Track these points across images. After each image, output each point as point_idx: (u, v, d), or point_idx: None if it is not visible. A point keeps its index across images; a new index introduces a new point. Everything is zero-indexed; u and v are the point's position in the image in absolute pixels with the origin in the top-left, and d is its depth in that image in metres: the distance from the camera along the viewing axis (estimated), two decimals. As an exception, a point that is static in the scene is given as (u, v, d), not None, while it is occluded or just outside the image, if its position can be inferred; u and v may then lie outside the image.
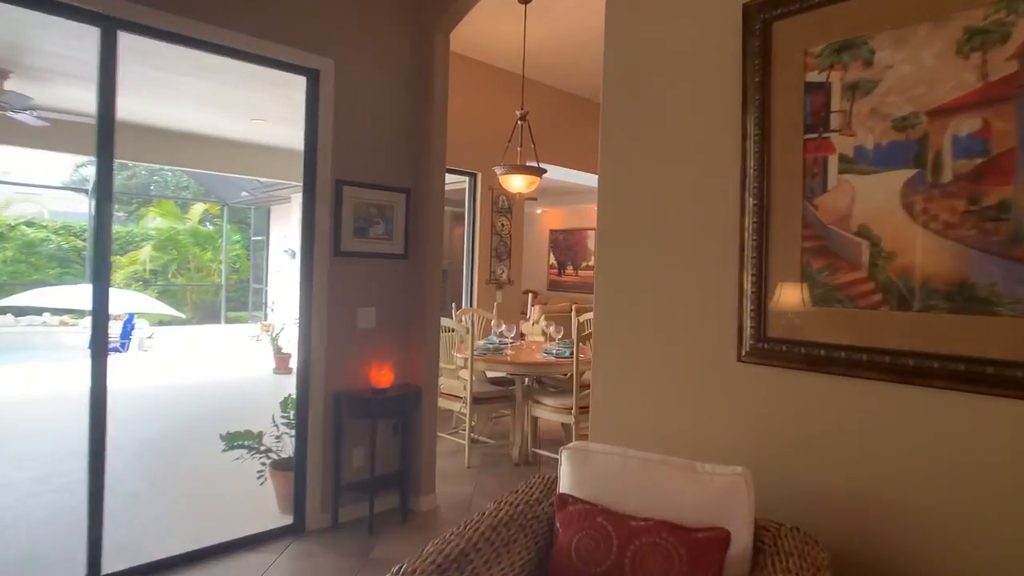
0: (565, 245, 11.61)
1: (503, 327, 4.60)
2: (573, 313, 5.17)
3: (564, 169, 6.87)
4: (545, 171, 4.79)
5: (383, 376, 3.08)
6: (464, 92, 5.59)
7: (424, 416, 3.25)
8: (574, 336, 4.60)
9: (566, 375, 4.21)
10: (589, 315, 5.24)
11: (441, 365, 4.09)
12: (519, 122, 4.92)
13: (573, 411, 3.81)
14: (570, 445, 1.58)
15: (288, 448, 3.17)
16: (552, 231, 11.88)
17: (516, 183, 4.77)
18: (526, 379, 4.21)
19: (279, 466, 3.13)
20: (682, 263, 1.81)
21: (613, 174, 2.08)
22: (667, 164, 1.86)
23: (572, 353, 4.13)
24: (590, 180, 7.67)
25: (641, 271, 1.92)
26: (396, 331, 3.28)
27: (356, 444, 3.10)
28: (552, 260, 11.82)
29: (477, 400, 4.10)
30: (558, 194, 10.91)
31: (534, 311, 8.36)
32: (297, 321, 3.10)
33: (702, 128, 1.77)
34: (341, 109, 3.01)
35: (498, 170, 4.81)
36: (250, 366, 8.00)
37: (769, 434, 1.60)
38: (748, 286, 1.62)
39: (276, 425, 3.38)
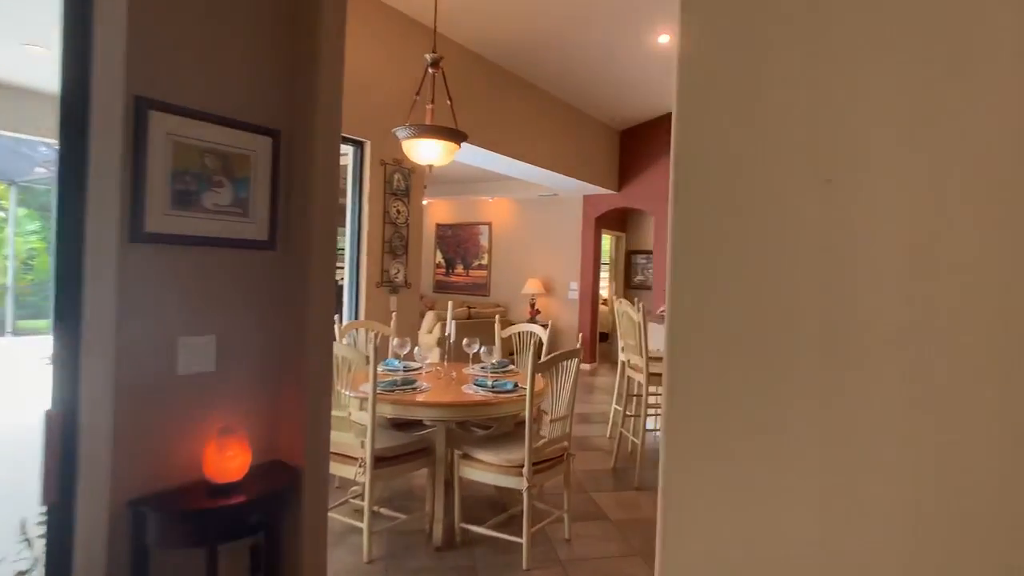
0: (454, 241, 10.41)
1: (405, 346, 3.34)
2: (497, 326, 4.02)
3: (475, 150, 5.68)
4: (466, 136, 3.58)
5: (231, 460, 1.70)
6: (350, 35, 4.21)
7: (305, 522, 1.90)
8: (497, 346, 3.46)
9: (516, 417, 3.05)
10: (526, 327, 4.14)
11: (326, 411, 2.75)
12: (429, 71, 3.67)
13: (526, 469, 2.66)
14: None
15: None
16: (439, 225, 10.63)
17: (427, 151, 3.52)
18: (451, 422, 2.99)
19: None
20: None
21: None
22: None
23: (519, 386, 2.99)
24: (498, 166, 6.60)
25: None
26: (255, 374, 1.90)
27: (177, 592, 1.69)
28: (439, 258, 10.56)
29: (382, 462, 2.80)
30: (447, 183, 9.68)
31: (428, 317, 7.07)
32: (51, 362, 1.62)
33: None
34: (144, -37, 1.59)
35: (400, 133, 3.52)
36: (38, 400, 5.81)
37: None
38: None
39: (28, 540, 1.91)
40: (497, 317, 4.12)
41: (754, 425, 0.78)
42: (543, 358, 2.74)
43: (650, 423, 4.76)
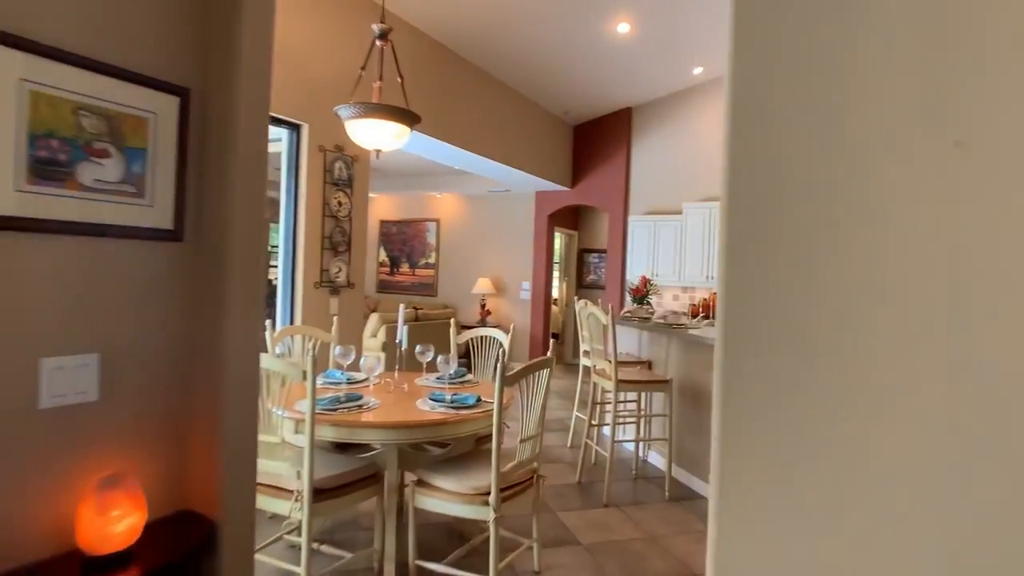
0: (399, 239, 9.92)
1: (348, 355, 2.93)
2: (452, 330, 3.65)
3: (424, 139, 5.27)
4: (419, 118, 3.19)
5: (116, 520, 1.27)
6: (285, 5, 3.75)
7: (225, 592, 1.48)
8: (453, 353, 3.09)
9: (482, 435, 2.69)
10: (486, 332, 3.76)
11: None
12: (377, 43, 3.27)
13: (493, 498, 2.32)
14: None
15: None
16: (383, 222, 10.10)
17: (374, 134, 3.12)
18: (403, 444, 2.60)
19: None
20: None
21: None
22: None
23: (482, 401, 2.65)
24: (448, 158, 6.19)
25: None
26: (156, 401, 1.46)
27: None
28: (383, 256, 10.05)
29: (322, 494, 2.38)
30: (392, 177, 9.19)
31: (372, 319, 6.60)
32: None
33: None
34: None
35: (343, 112, 3.10)
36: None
37: None
38: None
39: None
40: (453, 321, 3.75)
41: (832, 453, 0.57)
42: (507, 367, 2.39)
43: (619, 433, 4.51)
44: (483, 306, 8.44)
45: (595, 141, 7.94)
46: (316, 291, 4.18)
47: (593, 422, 3.98)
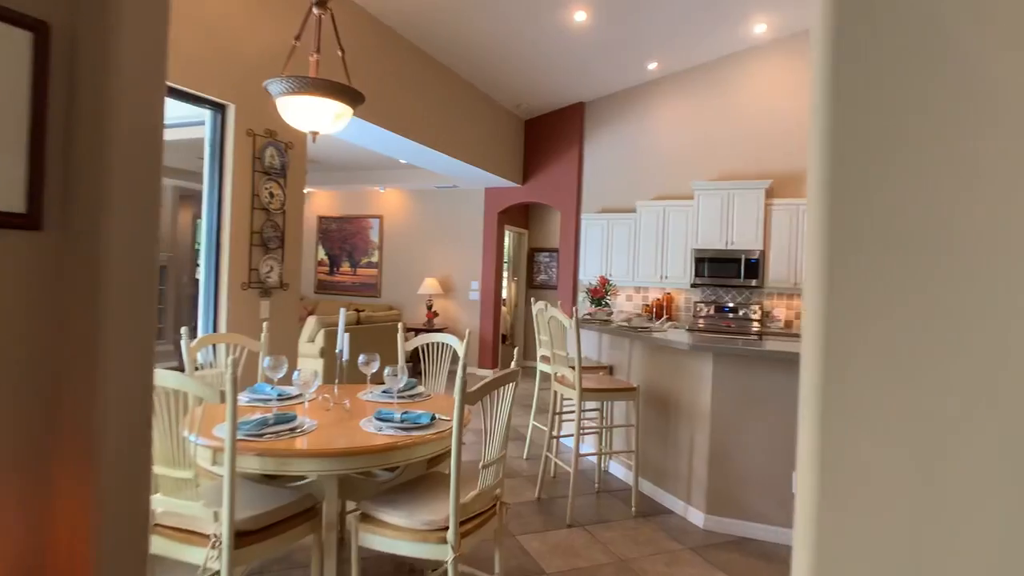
0: (339, 236, 9.39)
1: (280, 367, 2.54)
2: (400, 337, 3.29)
3: (366, 128, 4.87)
4: (363, 97, 2.81)
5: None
6: (203, -36, 3.30)
7: None
8: (402, 363, 2.74)
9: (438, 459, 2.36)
10: (438, 338, 3.38)
11: (156, 469, 1.93)
12: (315, 11, 2.88)
13: (452, 534, 1.99)
14: None
15: None
16: (322, 218, 9.55)
17: (311, 114, 2.73)
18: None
19: None
20: None
21: None
22: None
23: (438, 418, 2.32)
24: (392, 149, 5.76)
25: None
26: (1, 441, 1.06)
27: None
28: (322, 255, 9.49)
29: (246, 537, 1.98)
30: (331, 170, 8.67)
31: (309, 323, 6.11)
32: None
33: None
34: None
35: (274, 87, 2.71)
36: None
37: None
38: None
39: None
40: (400, 326, 3.38)
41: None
42: (467, 380, 2.07)
43: (584, 445, 4.26)
44: (430, 307, 8.05)
45: (547, 136, 7.70)
46: (244, 293, 3.72)
47: (553, 433, 3.71)
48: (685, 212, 6.63)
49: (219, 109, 3.63)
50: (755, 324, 6.38)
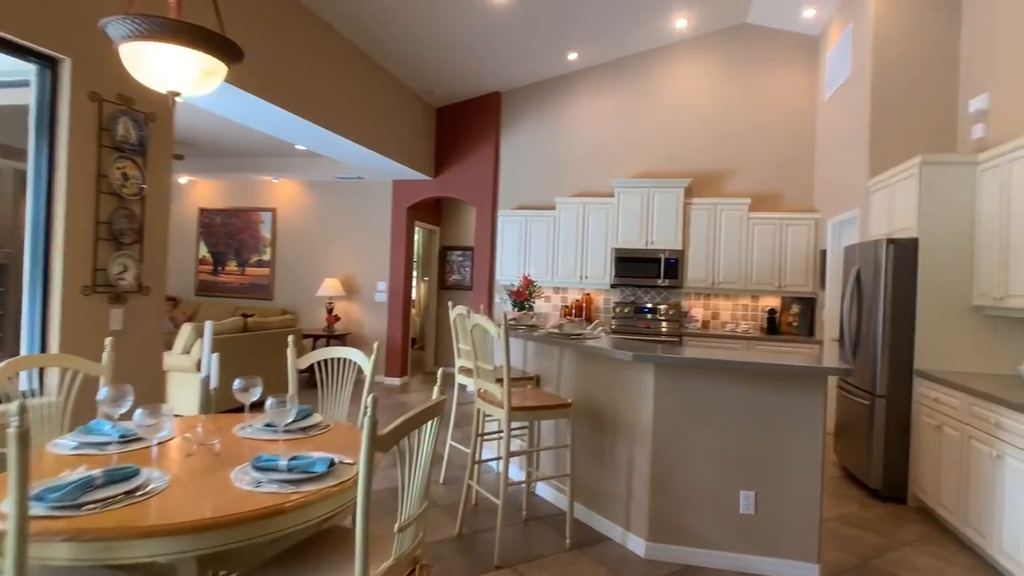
0: (225, 231, 8.38)
1: (123, 399, 1.91)
2: (291, 353, 2.70)
3: (256, 104, 4.17)
4: (239, 52, 2.20)
5: None
6: None
7: None
8: (293, 391, 2.17)
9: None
10: (338, 353, 2.74)
11: None
12: (173, -65, 2.22)
13: (358, 629, 1.48)
14: None
15: None
16: (204, 211, 8.49)
17: (167, 68, 2.09)
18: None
19: None
20: None
21: None
22: None
23: (339, 464, 1.79)
24: (287, 131, 4.98)
25: None
26: None
27: None
28: (204, 252, 8.44)
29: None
30: (214, 157, 7.69)
31: (184, 331, 5.24)
32: None
33: None
34: None
35: (114, 30, 2.04)
36: None
37: None
38: None
39: None
40: (291, 340, 2.77)
41: None
42: (377, 417, 1.57)
43: (514, 471, 3.80)
44: (330, 311, 7.30)
45: (461, 127, 7.21)
46: (86, 299, 2.94)
47: (476, 458, 3.25)
48: (605, 210, 6.40)
49: (49, 64, 2.83)
50: (664, 324, 6.27)
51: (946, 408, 3.33)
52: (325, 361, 2.81)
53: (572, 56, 6.36)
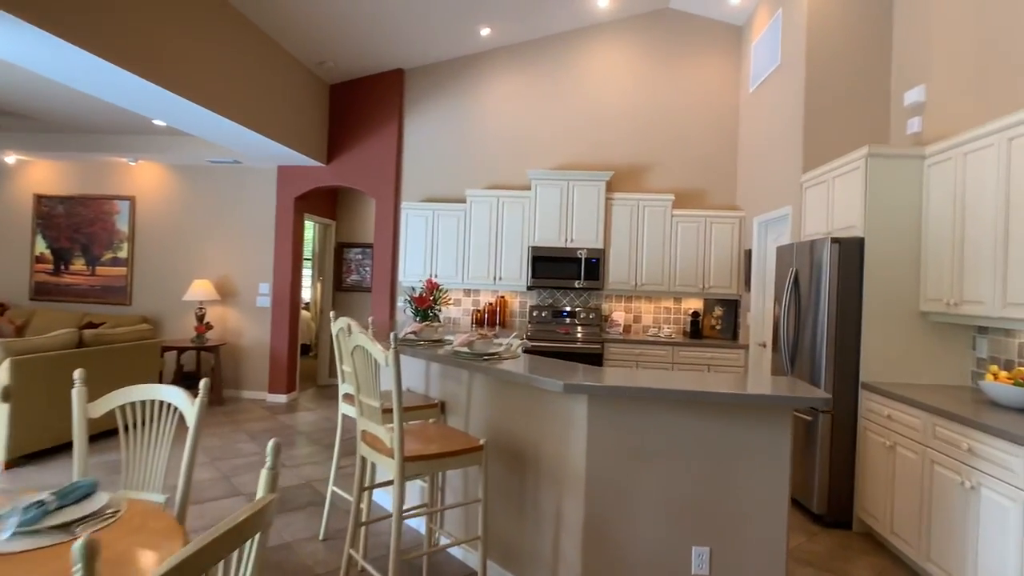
0: (70, 224, 7.01)
1: None
2: (79, 396, 1.85)
3: (106, 68, 3.16)
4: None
5: None
6: None
7: None
8: (80, 464, 1.38)
9: None
10: (149, 394, 1.82)
11: None
12: None
13: None
14: None
15: None
16: (42, 198, 7.07)
17: None
18: None
19: None
20: None
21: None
22: None
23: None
24: (144, 104, 3.89)
25: None
26: None
27: None
28: (42, 248, 7.02)
29: None
30: (56, 132, 6.36)
31: (-16, 351, 4.06)
32: None
33: None
34: None
35: None
36: None
37: None
38: None
39: None
40: (78, 378, 1.90)
41: None
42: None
43: (415, 521, 3.00)
44: (201, 318, 6.19)
45: (358, 107, 6.34)
46: None
47: (362, 518, 2.50)
48: (522, 204, 5.80)
49: None
50: (584, 331, 5.77)
51: (902, 427, 2.98)
52: (132, 405, 1.96)
53: (485, 32, 5.69)
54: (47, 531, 1.41)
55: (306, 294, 9.69)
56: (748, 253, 5.43)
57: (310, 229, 8.17)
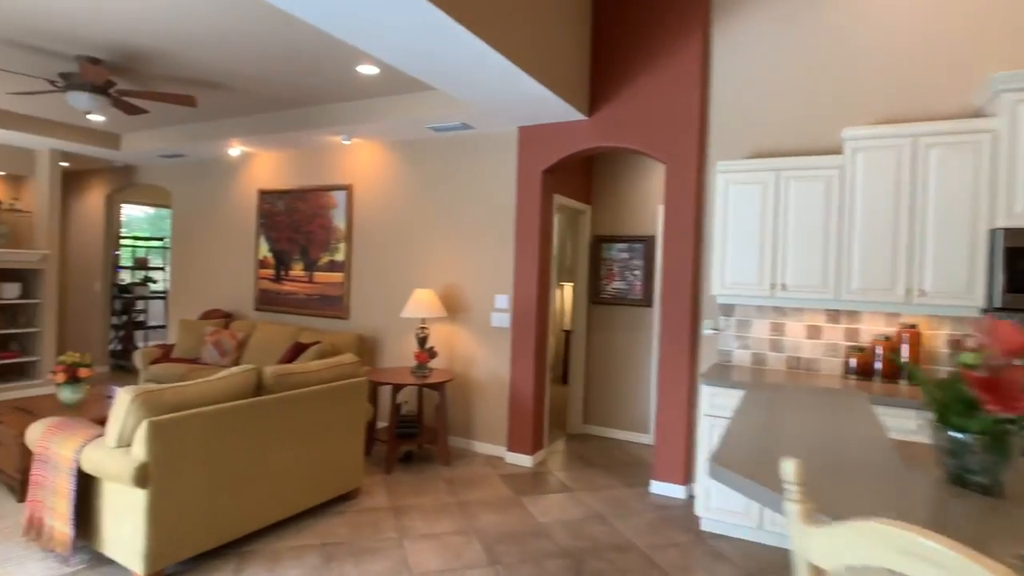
0: (289, 222, 6.04)
1: None
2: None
3: None
4: None
5: None
6: None
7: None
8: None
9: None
10: None
11: None
12: None
13: None
14: None
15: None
16: (264, 193, 6.22)
17: None
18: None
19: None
20: None
21: None
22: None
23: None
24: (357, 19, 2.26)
25: None
26: None
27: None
28: (265, 251, 6.16)
29: None
30: (257, 110, 5.32)
31: (122, 402, 2.72)
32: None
33: None
34: None
35: None
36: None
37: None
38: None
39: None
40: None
41: None
42: None
43: None
44: (423, 341, 4.58)
45: (633, 21, 4.13)
46: None
47: None
48: (964, 151, 3.01)
49: None
50: None
51: None
52: None
53: None
54: None
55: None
56: None
57: (556, 217, 6.27)
